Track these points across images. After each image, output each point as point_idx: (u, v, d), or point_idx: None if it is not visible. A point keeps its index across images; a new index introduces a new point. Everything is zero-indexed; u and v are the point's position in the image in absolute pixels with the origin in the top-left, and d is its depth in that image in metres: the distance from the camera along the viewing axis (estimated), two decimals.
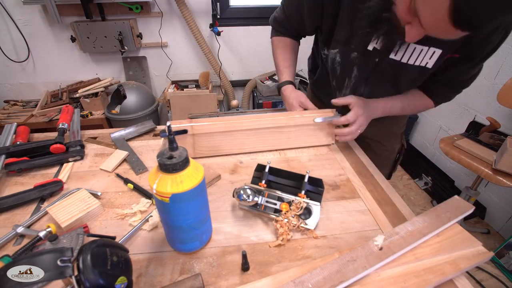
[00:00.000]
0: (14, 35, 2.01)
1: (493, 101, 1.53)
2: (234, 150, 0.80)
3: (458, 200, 0.55)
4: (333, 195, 0.66)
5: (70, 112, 0.88)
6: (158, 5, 2.01)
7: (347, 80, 0.83)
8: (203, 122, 0.74)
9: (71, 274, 0.34)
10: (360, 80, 0.81)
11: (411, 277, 0.43)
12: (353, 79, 0.81)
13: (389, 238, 0.47)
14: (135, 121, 1.89)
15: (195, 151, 0.77)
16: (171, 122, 0.69)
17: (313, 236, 0.56)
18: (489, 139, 1.53)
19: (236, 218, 0.60)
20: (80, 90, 2.07)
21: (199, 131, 0.74)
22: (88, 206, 0.59)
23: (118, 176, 0.71)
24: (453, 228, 0.50)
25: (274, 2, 2.30)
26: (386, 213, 0.61)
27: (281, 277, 0.44)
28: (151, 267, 0.50)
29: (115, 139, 0.87)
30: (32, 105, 2.15)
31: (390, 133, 1.00)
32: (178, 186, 0.43)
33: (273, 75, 2.27)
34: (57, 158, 0.76)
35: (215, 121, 0.75)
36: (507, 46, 1.55)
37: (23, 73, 2.18)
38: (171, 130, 0.43)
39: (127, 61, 2.23)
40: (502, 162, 1.28)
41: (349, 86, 0.84)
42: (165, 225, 0.51)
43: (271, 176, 0.65)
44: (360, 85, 0.82)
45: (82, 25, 1.95)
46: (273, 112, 0.87)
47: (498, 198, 1.71)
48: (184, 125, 0.73)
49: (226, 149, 0.79)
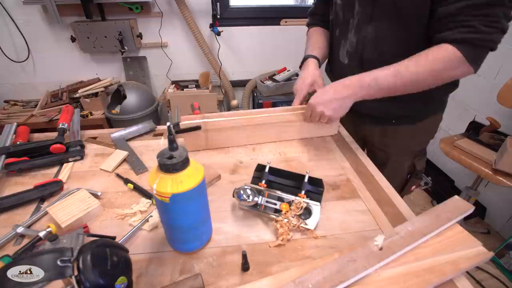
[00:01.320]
0: (14, 35, 2.01)
1: (493, 101, 1.53)
2: (243, 142, 0.84)
3: (458, 200, 0.55)
4: (333, 195, 0.66)
5: (70, 112, 0.88)
6: (158, 5, 2.01)
7: (351, 21, 0.75)
8: (215, 118, 0.77)
9: (71, 274, 0.34)
10: (364, 16, 0.71)
11: (411, 277, 0.43)
12: (356, 16, 0.74)
13: (389, 238, 0.47)
14: (135, 121, 1.89)
15: (207, 143, 0.81)
16: (183, 118, 0.76)
17: (313, 236, 0.56)
18: (489, 139, 1.53)
19: (236, 218, 0.60)
20: (80, 90, 2.07)
21: (212, 126, 0.78)
22: (88, 206, 0.59)
23: (118, 176, 0.71)
24: (453, 228, 0.50)
25: (274, 2, 2.30)
26: (386, 213, 0.61)
27: (281, 277, 0.44)
28: (151, 267, 0.50)
29: (115, 139, 0.87)
30: (32, 105, 2.15)
31: (401, 146, 0.86)
32: (178, 186, 0.43)
33: (273, 75, 2.27)
34: (57, 158, 0.76)
35: (227, 117, 0.79)
36: (507, 46, 1.55)
37: (23, 73, 2.18)
38: (171, 130, 0.43)
39: (127, 61, 2.23)
40: (502, 162, 1.28)
41: (352, 27, 0.75)
42: (165, 225, 0.51)
43: (271, 176, 0.65)
44: (364, 24, 0.72)
45: (82, 25, 1.95)
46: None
47: (498, 198, 1.71)
48: (197, 121, 0.76)
49: (236, 142, 0.83)
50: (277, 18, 2.22)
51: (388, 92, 0.65)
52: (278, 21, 2.23)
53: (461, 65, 0.59)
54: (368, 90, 0.65)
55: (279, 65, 2.34)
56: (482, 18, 0.55)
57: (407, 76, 0.61)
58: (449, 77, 0.62)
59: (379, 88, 0.64)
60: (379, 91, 0.65)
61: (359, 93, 0.66)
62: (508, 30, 0.58)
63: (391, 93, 0.65)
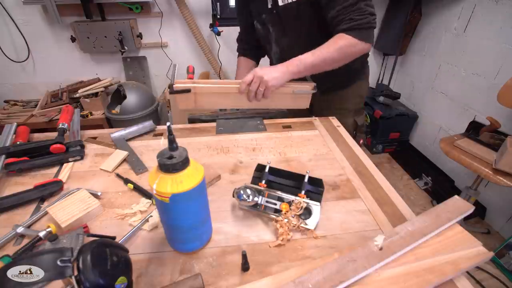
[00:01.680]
0: (14, 35, 2.01)
1: (493, 101, 1.53)
2: (226, 106, 0.98)
3: (458, 200, 0.55)
4: (333, 195, 0.66)
5: (70, 112, 0.88)
6: (158, 5, 2.01)
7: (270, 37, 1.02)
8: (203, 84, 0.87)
9: (71, 274, 0.34)
10: (279, 33, 0.98)
11: (411, 277, 0.43)
12: (272, 33, 1.00)
13: (389, 238, 0.47)
14: (135, 121, 1.88)
15: (196, 104, 0.89)
16: (176, 81, 0.87)
17: (313, 236, 0.56)
18: (489, 139, 1.53)
19: (236, 218, 0.60)
20: (80, 90, 2.07)
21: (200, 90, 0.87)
22: (88, 206, 0.59)
23: (118, 176, 0.71)
24: (453, 228, 0.50)
25: None
26: (386, 213, 0.61)
27: (281, 277, 0.44)
28: (151, 267, 0.50)
29: (115, 139, 0.87)
30: (32, 105, 2.15)
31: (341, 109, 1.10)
32: (178, 186, 0.43)
33: None
34: (57, 158, 0.76)
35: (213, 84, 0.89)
36: (507, 46, 1.55)
37: (23, 73, 2.18)
38: (171, 130, 0.43)
39: (127, 61, 2.23)
40: (502, 162, 1.28)
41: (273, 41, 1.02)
42: (165, 225, 0.51)
43: (271, 176, 0.65)
44: (280, 38, 0.99)
45: (82, 25, 1.95)
46: None
47: (498, 198, 1.71)
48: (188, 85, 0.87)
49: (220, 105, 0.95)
50: None
51: (312, 68, 0.85)
52: None
53: (357, 44, 0.82)
54: (298, 67, 0.84)
55: None
56: (354, 11, 0.80)
57: (321, 55, 0.83)
58: (352, 53, 0.84)
59: (304, 65, 0.83)
60: (304, 67, 0.84)
61: (291, 70, 0.84)
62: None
63: (314, 69, 0.85)
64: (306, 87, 0.94)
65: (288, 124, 0.98)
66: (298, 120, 1.02)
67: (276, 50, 1.05)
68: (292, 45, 0.97)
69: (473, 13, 1.76)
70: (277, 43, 1.02)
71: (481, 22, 1.72)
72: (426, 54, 2.21)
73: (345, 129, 0.98)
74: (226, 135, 0.92)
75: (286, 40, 0.99)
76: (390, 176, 2.27)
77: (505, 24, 1.55)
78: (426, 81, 2.23)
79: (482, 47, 1.73)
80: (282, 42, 1.01)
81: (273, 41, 1.03)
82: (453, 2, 1.91)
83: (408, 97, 2.47)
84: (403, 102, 2.51)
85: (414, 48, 2.36)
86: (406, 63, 2.48)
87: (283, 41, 1.00)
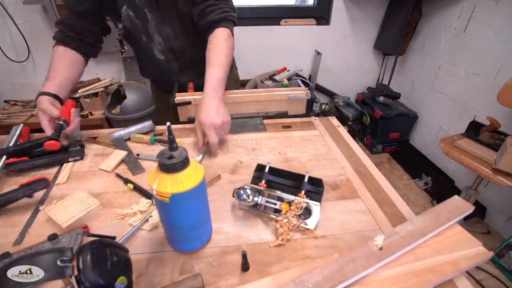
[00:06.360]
0: (14, 35, 2.01)
1: (493, 101, 1.53)
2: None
3: (458, 200, 0.55)
4: (333, 195, 0.66)
5: (69, 106, 0.82)
6: None
7: (149, 26, 0.93)
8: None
9: (71, 274, 0.34)
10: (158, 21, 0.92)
11: (411, 277, 0.43)
12: (151, 21, 0.92)
13: (389, 238, 0.47)
14: (135, 121, 1.89)
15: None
16: (177, 95, 0.91)
17: (313, 236, 0.56)
18: (489, 139, 1.53)
19: (236, 218, 0.60)
20: (80, 90, 2.07)
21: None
22: (88, 206, 0.59)
23: (118, 176, 0.71)
24: (453, 228, 0.50)
25: (274, 2, 2.30)
26: (386, 213, 0.61)
27: (281, 277, 0.44)
28: (151, 267, 0.50)
29: (114, 139, 0.87)
30: (32, 105, 2.15)
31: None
32: (178, 186, 0.43)
33: (273, 75, 2.27)
34: (57, 158, 0.76)
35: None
36: (507, 46, 1.55)
37: (23, 73, 2.18)
38: (171, 130, 0.43)
39: (127, 61, 2.23)
40: (502, 162, 1.28)
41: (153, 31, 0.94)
42: (165, 225, 0.51)
43: (271, 176, 0.65)
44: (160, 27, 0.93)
45: None
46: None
47: (498, 198, 1.71)
48: (188, 97, 0.94)
49: None
50: (277, 18, 2.23)
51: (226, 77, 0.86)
52: (278, 21, 2.23)
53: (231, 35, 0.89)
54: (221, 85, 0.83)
55: (279, 65, 2.34)
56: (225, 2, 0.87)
57: (222, 59, 0.85)
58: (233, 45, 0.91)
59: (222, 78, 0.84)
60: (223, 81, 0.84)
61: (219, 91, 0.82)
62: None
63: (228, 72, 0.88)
64: (300, 93, 0.99)
65: (288, 124, 0.98)
66: (298, 120, 1.02)
67: (159, 41, 0.96)
68: (175, 34, 0.95)
69: (473, 13, 1.76)
70: (159, 32, 0.94)
71: (481, 22, 1.72)
72: (426, 54, 2.22)
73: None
74: (226, 135, 0.92)
75: (168, 29, 0.94)
76: (390, 176, 2.27)
77: (505, 24, 1.55)
78: (426, 81, 2.23)
79: (482, 47, 1.73)
80: (164, 31, 0.94)
81: (154, 31, 0.94)
82: (453, 2, 1.91)
83: (408, 97, 2.47)
84: (403, 102, 2.51)
85: (414, 48, 2.36)
86: (406, 63, 2.48)
87: (165, 29, 0.94)
